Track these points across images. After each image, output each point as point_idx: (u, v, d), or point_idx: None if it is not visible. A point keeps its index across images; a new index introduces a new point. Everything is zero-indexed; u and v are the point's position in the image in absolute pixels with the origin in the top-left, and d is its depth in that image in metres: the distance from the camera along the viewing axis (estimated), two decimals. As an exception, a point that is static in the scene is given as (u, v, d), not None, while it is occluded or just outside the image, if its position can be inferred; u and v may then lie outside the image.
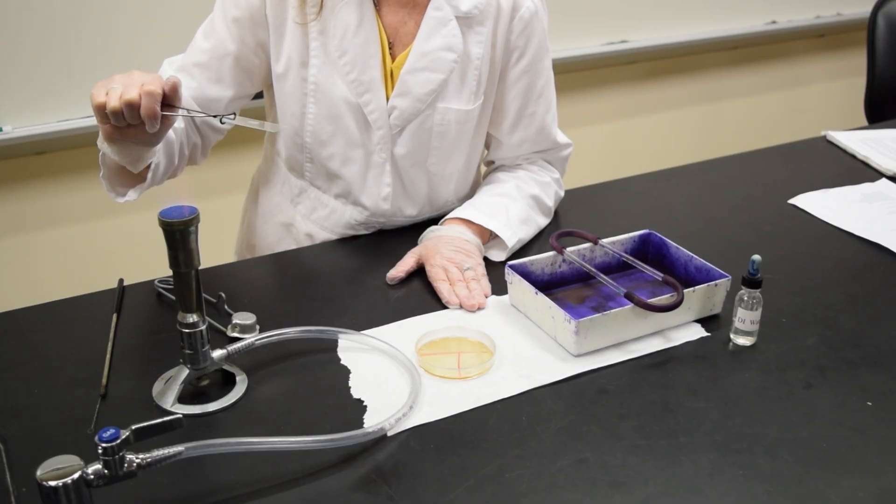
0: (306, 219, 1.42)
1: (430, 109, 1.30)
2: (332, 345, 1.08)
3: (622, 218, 1.46)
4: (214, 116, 1.06)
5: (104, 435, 0.75)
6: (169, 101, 1.02)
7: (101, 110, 1.01)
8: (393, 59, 1.29)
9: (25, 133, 1.94)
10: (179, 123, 1.25)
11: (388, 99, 1.29)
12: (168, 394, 0.97)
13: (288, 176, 1.42)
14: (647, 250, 1.26)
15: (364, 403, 0.97)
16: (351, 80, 1.27)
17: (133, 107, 0.99)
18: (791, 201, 1.51)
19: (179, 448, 0.79)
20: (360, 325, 1.11)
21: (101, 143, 1.09)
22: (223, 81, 1.28)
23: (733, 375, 1.02)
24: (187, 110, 1.05)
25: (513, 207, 1.34)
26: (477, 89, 1.32)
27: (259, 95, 1.39)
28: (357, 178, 1.34)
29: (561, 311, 1.05)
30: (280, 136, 1.37)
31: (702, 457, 0.89)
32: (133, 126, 1.02)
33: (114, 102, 0.99)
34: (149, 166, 1.15)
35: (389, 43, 1.29)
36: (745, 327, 1.08)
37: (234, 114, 1.06)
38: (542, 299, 1.09)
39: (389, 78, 1.30)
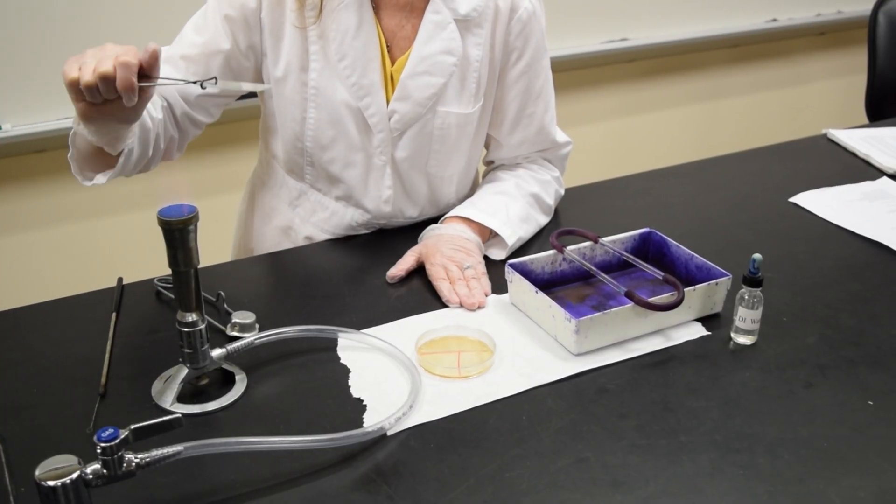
0: (305, 221, 1.40)
1: (430, 113, 1.29)
2: (332, 344, 1.08)
3: (622, 216, 1.45)
4: (194, 83, 1.01)
5: (103, 434, 0.75)
6: (146, 71, 0.96)
7: (74, 87, 0.96)
8: (392, 62, 1.29)
9: (25, 131, 1.93)
10: (158, 114, 1.20)
11: (387, 102, 1.28)
12: (167, 393, 0.97)
13: (286, 179, 1.40)
14: (648, 249, 1.26)
15: (364, 403, 0.97)
16: (351, 83, 1.26)
17: (108, 80, 0.94)
18: (791, 200, 1.51)
19: (179, 448, 0.79)
20: (359, 323, 1.11)
21: (77, 125, 1.04)
22: None
23: (734, 374, 1.02)
24: (166, 80, 0.98)
25: (513, 206, 1.34)
26: (476, 92, 1.32)
27: (247, 96, 1.37)
28: (358, 181, 1.34)
29: (561, 309, 1.05)
30: (278, 140, 1.35)
31: (702, 456, 0.89)
32: (110, 102, 0.98)
33: (87, 77, 0.94)
34: (121, 152, 1.11)
35: (388, 46, 1.28)
36: (745, 326, 1.08)
37: (215, 78, 1.02)
38: (543, 298, 1.09)
39: (389, 81, 1.29)
